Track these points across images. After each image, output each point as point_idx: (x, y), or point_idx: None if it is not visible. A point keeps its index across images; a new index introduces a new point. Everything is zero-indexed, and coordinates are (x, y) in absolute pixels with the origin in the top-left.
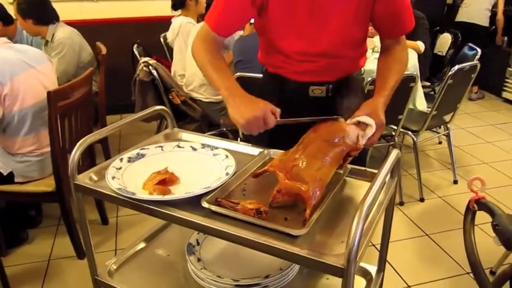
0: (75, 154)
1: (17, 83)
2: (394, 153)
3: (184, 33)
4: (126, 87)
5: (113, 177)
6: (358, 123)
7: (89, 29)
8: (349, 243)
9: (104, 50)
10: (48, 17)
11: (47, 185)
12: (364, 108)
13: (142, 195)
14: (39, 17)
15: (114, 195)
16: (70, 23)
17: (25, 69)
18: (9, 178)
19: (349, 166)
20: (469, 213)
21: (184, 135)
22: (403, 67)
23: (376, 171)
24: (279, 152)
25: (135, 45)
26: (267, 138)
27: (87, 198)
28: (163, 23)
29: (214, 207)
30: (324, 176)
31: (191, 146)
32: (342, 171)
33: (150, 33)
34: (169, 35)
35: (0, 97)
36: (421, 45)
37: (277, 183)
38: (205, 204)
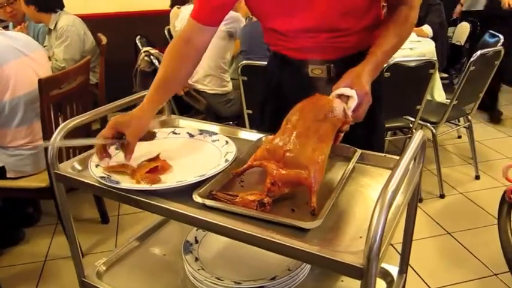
0: (55, 139)
1: (7, 70)
2: (418, 135)
3: None
4: (129, 82)
5: (97, 165)
6: (339, 96)
7: (93, 22)
8: (369, 237)
9: (104, 40)
10: (51, 4)
11: (41, 180)
12: (345, 78)
13: (128, 184)
14: (41, 4)
15: (97, 184)
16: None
17: (17, 56)
18: (0, 173)
19: (360, 151)
20: (505, 205)
21: (182, 122)
22: (406, 29)
23: (396, 157)
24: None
25: (138, 37)
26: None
27: (87, 195)
28: (168, 16)
29: (208, 202)
30: (321, 155)
31: (188, 132)
32: (352, 156)
33: (154, 26)
34: (178, 23)
35: None
36: (426, 28)
37: (268, 176)
38: (197, 199)
